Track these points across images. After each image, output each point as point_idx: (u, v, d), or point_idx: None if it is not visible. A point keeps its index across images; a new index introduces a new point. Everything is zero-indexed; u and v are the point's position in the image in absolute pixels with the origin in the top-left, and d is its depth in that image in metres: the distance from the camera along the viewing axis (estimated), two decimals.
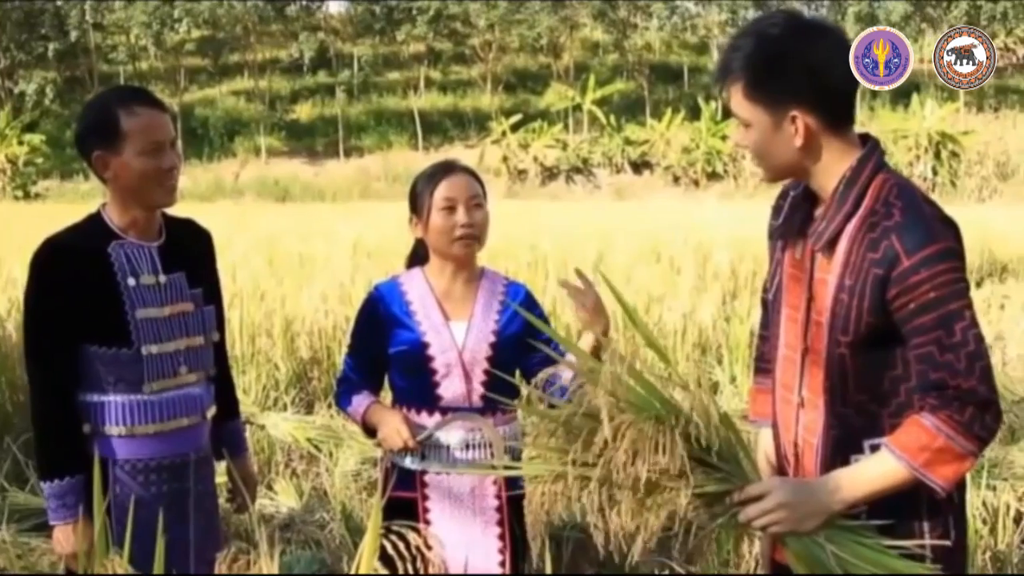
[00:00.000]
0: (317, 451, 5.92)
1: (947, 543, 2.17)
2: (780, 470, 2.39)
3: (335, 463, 5.65)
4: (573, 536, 4.38)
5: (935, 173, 42.59)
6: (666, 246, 13.38)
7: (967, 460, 2.07)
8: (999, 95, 49.34)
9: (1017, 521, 4.68)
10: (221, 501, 3.23)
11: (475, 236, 3.02)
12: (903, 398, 2.14)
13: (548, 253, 11.75)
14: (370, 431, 3.09)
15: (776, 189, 2.44)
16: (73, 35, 56.04)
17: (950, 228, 2.10)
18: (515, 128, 49.86)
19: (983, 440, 2.06)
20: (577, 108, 52.00)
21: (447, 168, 3.09)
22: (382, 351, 3.07)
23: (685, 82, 58.19)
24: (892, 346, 2.12)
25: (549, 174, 50.03)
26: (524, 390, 2.64)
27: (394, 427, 2.93)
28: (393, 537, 1.73)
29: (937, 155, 43.23)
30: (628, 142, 50.23)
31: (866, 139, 2.22)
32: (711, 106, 49.11)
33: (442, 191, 3.00)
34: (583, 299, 2.83)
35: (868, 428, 2.17)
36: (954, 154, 43.36)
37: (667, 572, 4.15)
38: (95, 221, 2.82)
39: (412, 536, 1.74)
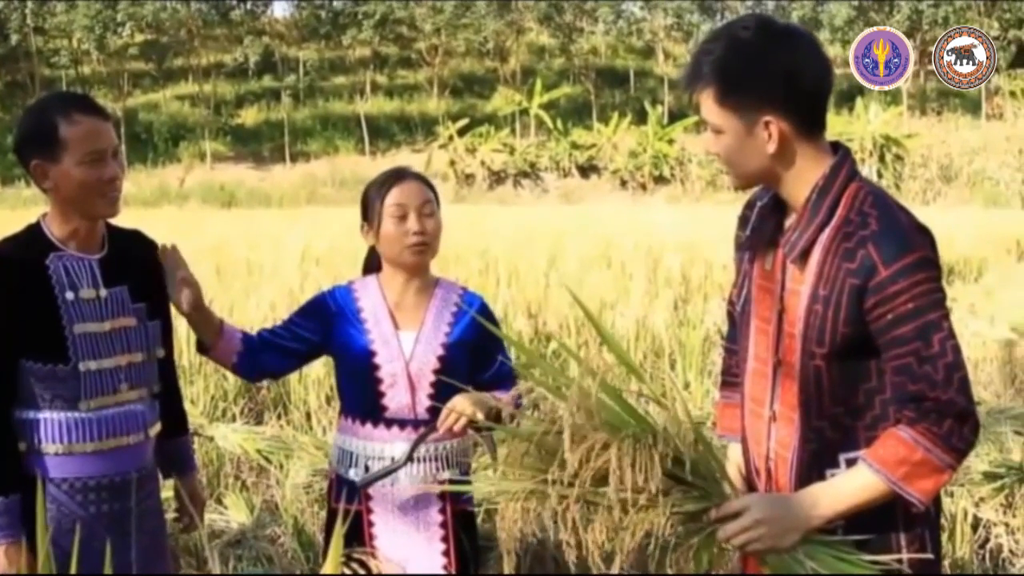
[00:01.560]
0: (267, 463, 5.80)
1: (926, 555, 2.14)
2: (750, 485, 2.34)
3: (286, 475, 5.54)
4: (531, 549, 4.32)
5: (880, 176, 43.02)
6: (617, 251, 13.40)
7: (946, 473, 2.04)
8: (941, 98, 50.00)
9: (975, 527, 4.68)
10: (168, 518, 3.13)
11: (427, 243, 2.97)
12: (878, 410, 2.11)
13: (499, 258, 11.70)
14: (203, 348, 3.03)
15: (726, 193, 2.41)
16: (14, 39, 55.03)
17: (926, 237, 2.08)
18: (462, 132, 49.77)
19: (962, 452, 2.04)
20: (524, 112, 52.01)
21: (398, 175, 3.04)
22: (315, 336, 3.03)
23: (631, 86, 58.38)
24: (867, 358, 2.09)
25: (496, 178, 49.97)
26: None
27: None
28: (354, 565, 1.64)
29: (881, 158, 43.67)
30: (575, 146, 50.28)
31: (836, 147, 2.18)
32: (657, 110, 49.41)
33: (393, 197, 2.96)
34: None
35: (844, 442, 2.13)
36: (898, 157, 43.86)
37: None
38: (34, 232, 2.72)
39: (372, 562, 1.65)
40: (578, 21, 58.80)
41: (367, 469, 2.97)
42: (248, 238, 17.36)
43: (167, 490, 3.10)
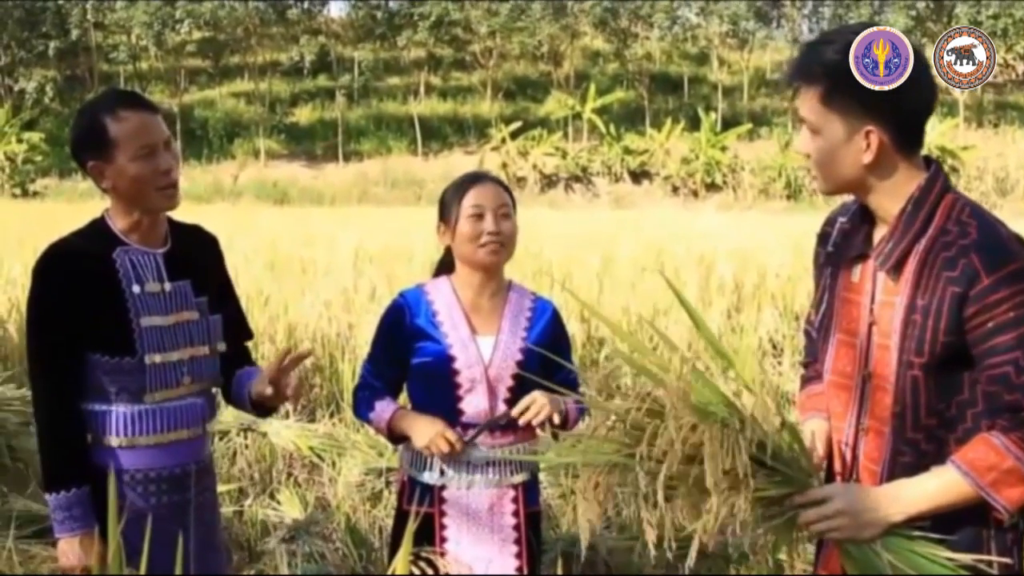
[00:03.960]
0: (320, 460, 5.84)
1: (1008, 561, 2.12)
2: (830, 466, 2.34)
3: (338, 472, 5.58)
4: (583, 554, 4.31)
5: None
6: (669, 257, 13.33)
7: None
8: (998, 111, 49.44)
9: None
10: (223, 511, 3.15)
11: (502, 243, 2.99)
12: (970, 423, 2.10)
13: (552, 261, 11.68)
14: (396, 438, 3.05)
15: (778, 201, 2.40)
16: (74, 34, 55.91)
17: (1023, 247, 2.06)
18: (515, 135, 49.81)
19: None
20: (577, 116, 51.95)
21: (477, 177, 3.08)
22: (404, 360, 3.04)
23: (685, 92, 58.17)
24: (960, 369, 2.08)
25: (548, 182, 49.96)
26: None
27: (437, 431, 2.89)
28: (422, 564, 1.65)
29: None
30: (627, 151, 50.16)
31: (928, 161, 2.18)
32: (711, 117, 49.12)
33: (471, 199, 2.99)
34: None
35: (937, 454, 2.11)
36: (954, 169, 43.38)
37: None
38: (98, 226, 2.76)
39: (440, 562, 1.66)
40: (633, 26, 58.65)
41: (442, 473, 2.99)
42: (301, 236, 17.47)
43: (221, 484, 3.12)
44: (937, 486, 2.07)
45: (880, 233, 2.19)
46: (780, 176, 45.71)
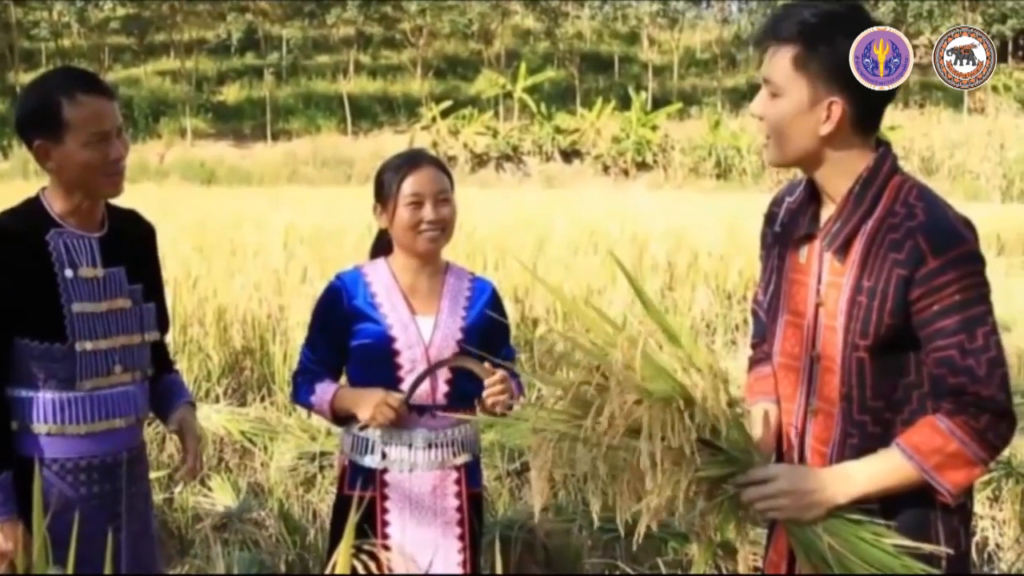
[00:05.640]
0: (252, 445, 5.76)
1: (954, 544, 2.13)
2: (779, 450, 2.33)
3: (270, 457, 5.51)
4: (521, 537, 4.30)
5: None
6: (602, 236, 13.35)
7: (978, 468, 2.03)
8: (924, 91, 50.06)
9: None
10: (156, 499, 3.08)
11: (441, 231, 2.97)
12: (916, 406, 2.10)
13: (486, 241, 11.64)
14: (340, 419, 3.02)
15: (708, 180, 2.39)
16: None
17: (971, 230, 2.06)
18: (445, 114, 49.55)
19: (996, 449, 2.03)
20: (508, 96, 51.82)
21: (415, 160, 3.02)
22: (343, 343, 3.00)
23: (616, 72, 58.26)
24: (906, 351, 2.07)
25: (479, 161, 49.79)
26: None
27: (380, 398, 2.85)
28: (364, 557, 1.60)
29: None
30: (558, 131, 50.12)
31: (878, 142, 2.16)
32: (641, 96, 49.29)
33: (409, 186, 2.94)
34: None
35: (884, 436, 2.10)
36: None
37: (617, 573, 4.10)
38: (34, 206, 2.67)
39: (382, 555, 1.61)
40: (563, 5, 58.57)
41: (384, 456, 2.97)
42: (230, 217, 17.22)
43: (153, 471, 3.05)
44: (881, 468, 2.06)
45: (827, 213, 2.18)
46: (710, 155, 45.98)
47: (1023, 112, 46.51)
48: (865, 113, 2.09)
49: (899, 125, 44.69)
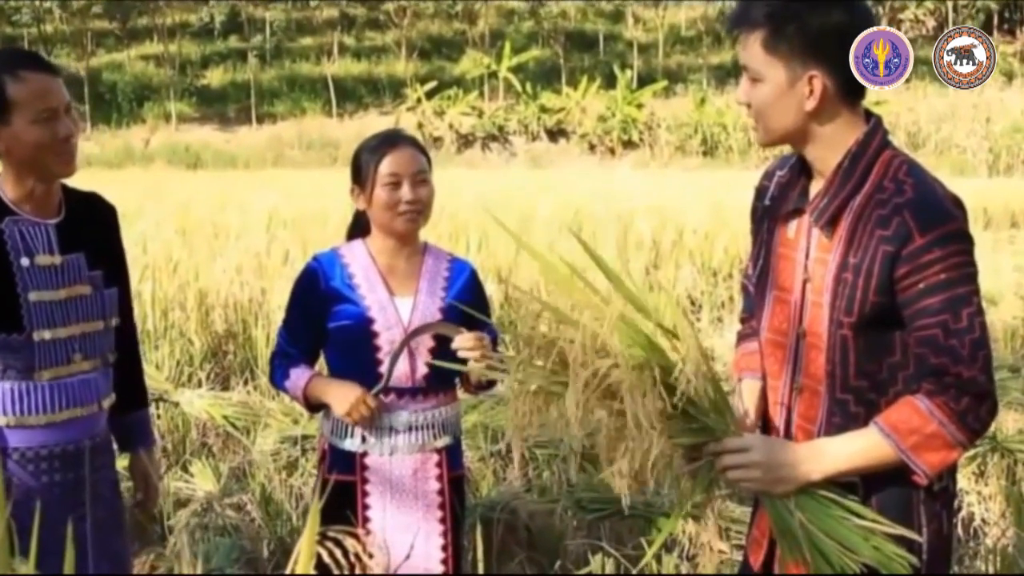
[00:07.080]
0: (234, 429, 5.72)
1: (936, 527, 2.10)
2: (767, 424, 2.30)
3: (253, 442, 5.46)
4: (503, 518, 4.27)
5: None
6: (587, 216, 13.32)
7: (956, 450, 2.00)
8: None
9: None
10: (126, 487, 3.05)
11: (419, 211, 2.93)
12: (900, 386, 2.06)
13: (469, 222, 11.59)
14: (313, 406, 2.99)
15: (694, 158, 2.35)
16: None
17: (960, 209, 2.03)
18: (430, 95, 49.48)
19: (975, 432, 2.00)
20: (493, 75, 51.74)
21: (392, 140, 2.98)
22: (320, 325, 2.96)
23: (601, 50, 58.14)
24: (892, 330, 2.04)
25: (464, 141, 49.74)
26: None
27: (357, 397, 2.83)
28: (330, 545, 1.56)
29: None
30: (544, 110, 50.09)
31: (869, 115, 2.12)
32: (626, 75, 49.25)
33: (387, 166, 2.90)
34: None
35: (867, 416, 2.07)
36: None
37: (600, 553, 4.07)
38: None
39: (350, 543, 1.57)
40: None
41: (364, 440, 2.95)
42: (214, 200, 17.16)
43: (123, 459, 3.01)
44: (858, 447, 2.03)
45: (817, 187, 2.14)
46: (696, 133, 46.01)
47: (1009, 85, 46.52)
48: (848, 81, 2.05)
49: (885, 100, 44.70)
